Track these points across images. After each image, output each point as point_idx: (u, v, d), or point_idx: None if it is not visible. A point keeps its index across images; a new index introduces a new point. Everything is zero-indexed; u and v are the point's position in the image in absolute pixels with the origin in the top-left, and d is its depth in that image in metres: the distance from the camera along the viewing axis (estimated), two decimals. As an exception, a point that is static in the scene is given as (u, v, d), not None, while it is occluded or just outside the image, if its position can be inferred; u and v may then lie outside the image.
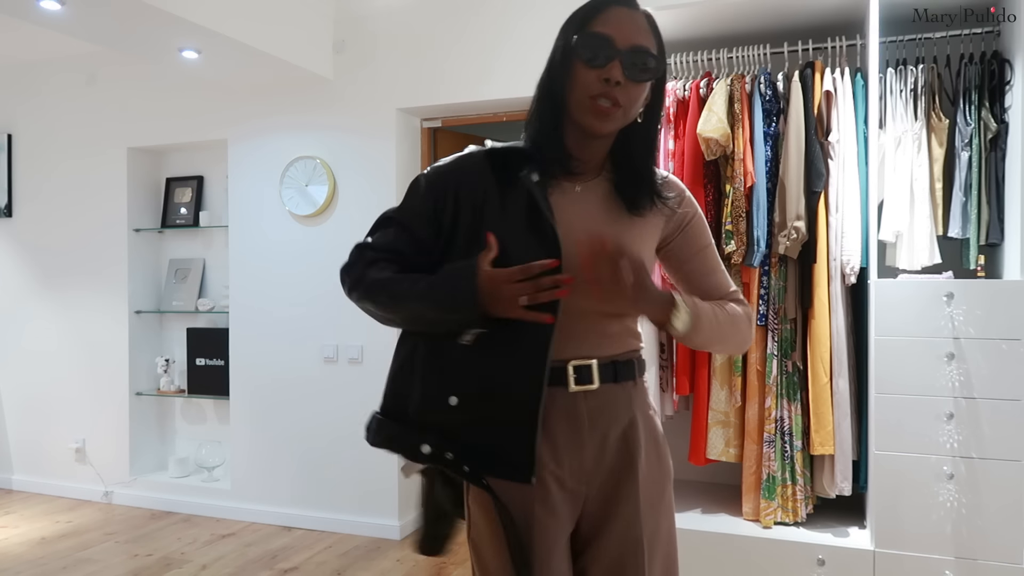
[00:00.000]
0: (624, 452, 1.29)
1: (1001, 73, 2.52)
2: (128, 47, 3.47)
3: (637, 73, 1.22)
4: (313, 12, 3.72)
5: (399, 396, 1.30)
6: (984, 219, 2.51)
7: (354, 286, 1.29)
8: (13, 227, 4.65)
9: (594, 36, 1.21)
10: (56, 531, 3.90)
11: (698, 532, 2.59)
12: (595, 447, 1.27)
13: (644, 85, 1.24)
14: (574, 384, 1.25)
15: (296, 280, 3.91)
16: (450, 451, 1.22)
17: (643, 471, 1.30)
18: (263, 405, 4.03)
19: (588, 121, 1.23)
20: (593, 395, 1.27)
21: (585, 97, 1.21)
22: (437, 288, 1.21)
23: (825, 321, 2.51)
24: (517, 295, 1.16)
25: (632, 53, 1.21)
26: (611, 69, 1.19)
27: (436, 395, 1.24)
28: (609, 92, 1.20)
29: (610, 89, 1.20)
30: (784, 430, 2.59)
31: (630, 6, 1.25)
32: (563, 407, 1.25)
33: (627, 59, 1.21)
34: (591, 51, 1.20)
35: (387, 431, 1.31)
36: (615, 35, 1.21)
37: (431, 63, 3.66)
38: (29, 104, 4.59)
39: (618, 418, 1.29)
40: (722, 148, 2.58)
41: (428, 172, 1.33)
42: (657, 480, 1.33)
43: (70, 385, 4.49)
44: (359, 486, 3.81)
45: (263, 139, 4.01)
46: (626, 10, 1.24)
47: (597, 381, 1.26)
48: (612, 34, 1.21)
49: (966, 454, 2.31)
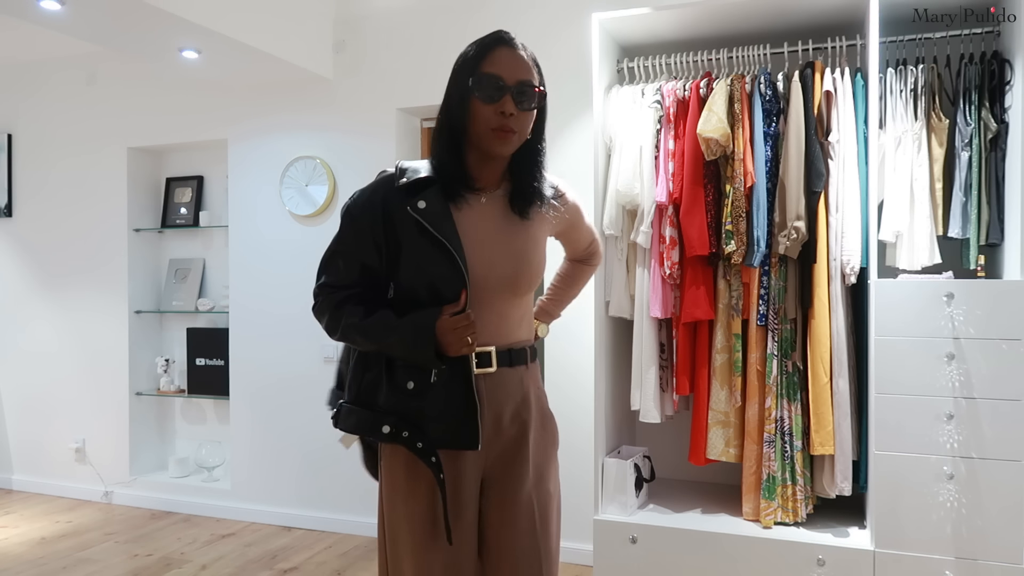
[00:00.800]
0: (518, 424, 1.54)
1: (1001, 73, 2.52)
2: (128, 47, 3.48)
3: (525, 103, 1.46)
4: (313, 12, 3.72)
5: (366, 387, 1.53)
6: (984, 219, 2.51)
7: (331, 331, 1.53)
8: (13, 227, 4.66)
9: (486, 76, 1.44)
10: (56, 531, 3.90)
11: (698, 532, 2.59)
12: (492, 420, 1.51)
13: (531, 112, 1.49)
14: (475, 368, 1.49)
15: (296, 280, 3.91)
16: (406, 431, 1.46)
17: (533, 439, 1.56)
18: (263, 405, 4.03)
19: (492, 147, 1.47)
20: (491, 377, 1.51)
21: (487, 129, 1.45)
22: (405, 338, 1.45)
23: (825, 321, 2.51)
24: (464, 336, 1.43)
25: (519, 87, 1.45)
26: (504, 103, 1.44)
27: (398, 384, 1.49)
28: (505, 123, 1.44)
29: (506, 120, 1.44)
30: (784, 430, 2.59)
31: (511, 45, 1.48)
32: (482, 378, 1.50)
33: (516, 93, 1.45)
34: (485, 90, 1.44)
35: (355, 417, 1.52)
36: (503, 74, 1.44)
37: (431, 63, 3.66)
38: (29, 104, 4.59)
39: (511, 396, 1.53)
40: (722, 148, 2.58)
41: (354, 201, 1.55)
42: (544, 447, 1.60)
43: (70, 385, 4.49)
44: (359, 486, 3.81)
45: (263, 139, 4.01)
46: (508, 50, 1.47)
47: (495, 365, 1.50)
48: (501, 73, 1.44)
49: (966, 454, 2.31)
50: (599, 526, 2.70)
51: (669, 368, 2.79)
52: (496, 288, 1.50)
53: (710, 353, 2.72)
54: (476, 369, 1.49)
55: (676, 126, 2.72)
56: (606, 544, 2.68)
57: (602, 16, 2.77)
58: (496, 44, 1.47)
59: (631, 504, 2.73)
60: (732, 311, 2.69)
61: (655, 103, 2.75)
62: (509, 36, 1.49)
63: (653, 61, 2.88)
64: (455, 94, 1.49)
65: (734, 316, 2.68)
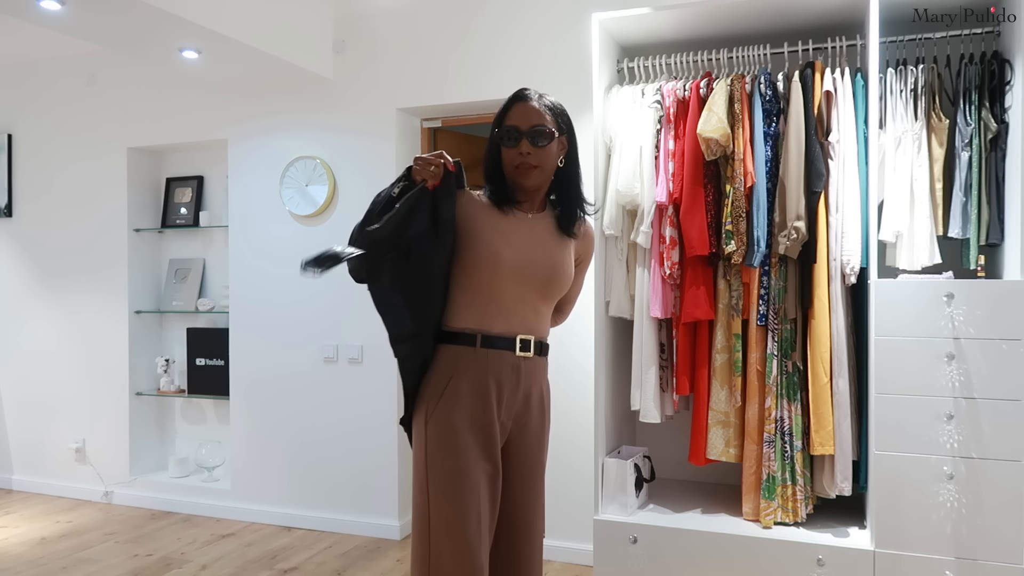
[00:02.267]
0: (540, 402, 1.87)
1: (1001, 73, 2.52)
2: (128, 47, 3.48)
3: (539, 142, 1.78)
4: (313, 12, 3.72)
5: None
6: (984, 219, 2.51)
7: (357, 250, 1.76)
8: (13, 227, 4.66)
9: (506, 128, 1.79)
10: (56, 531, 3.90)
11: (698, 532, 2.59)
12: (524, 396, 1.82)
13: (549, 147, 1.79)
14: (519, 351, 1.79)
15: (296, 280, 3.90)
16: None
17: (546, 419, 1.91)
18: (263, 405, 4.03)
19: (517, 182, 1.81)
20: (528, 361, 1.81)
21: (511, 168, 1.80)
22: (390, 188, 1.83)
23: (825, 321, 2.51)
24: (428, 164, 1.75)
25: (532, 130, 1.78)
26: (521, 146, 1.78)
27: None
28: (524, 161, 1.78)
29: (524, 159, 1.77)
30: (784, 430, 2.59)
31: (526, 100, 1.80)
32: (511, 364, 1.78)
33: (530, 136, 1.77)
34: (507, 138, 1.79)
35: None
36: (519, 123, 1.78)
37: (431, 63, 3.66)
38: (29, 104, 4.59)
39: (538, 379, 1.87)
40: (722, 148, 2.58)
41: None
42: (544, 426, 1.91)
43: (70, 385, 4.49)
44: (359, 486, 3.81)
45: (263, 139, 4.01)
46: (524, 104, 1.80)
47: (532, 352, 1.82)
48: (518, 123, 1.78)
49: (966, 454, 2.31)
50: (599, 526, 2.70)
51: (669, 368, 2.79)
52: (534, 287, 1.80)
53: (710, 353, 2.72)
54: (519, 352, 1.78)
55: (676, 126, 2.72)
56: (606, 544, 2.68)
57: (602, 16, 2.77)
58: (515, 101, 1.80)
59: (631, 504, 2.73)
60: (732, 311, 2.69)
61: (655, 103, 2.75)
62: (526, 92, 1.81)
63: (653, 61, 2.88)
64: (490, 144, 1.83)
65: (734, 316, 2.68)
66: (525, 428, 1.84)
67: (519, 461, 1.84)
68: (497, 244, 1.76)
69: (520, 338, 1.79)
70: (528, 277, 1.79)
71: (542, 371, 1.89)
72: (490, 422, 1.75)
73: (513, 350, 1.79)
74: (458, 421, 1.73)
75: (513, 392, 1.79)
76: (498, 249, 1.76)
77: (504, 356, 1.78)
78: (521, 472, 1.84)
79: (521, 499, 1.84)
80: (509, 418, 1.80)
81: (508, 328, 1.78)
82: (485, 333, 1.77)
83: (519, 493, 1.83)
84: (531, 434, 1.85)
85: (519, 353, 1.79)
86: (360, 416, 3.77)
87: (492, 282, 1.76)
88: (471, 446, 1.73)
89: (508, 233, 1.79)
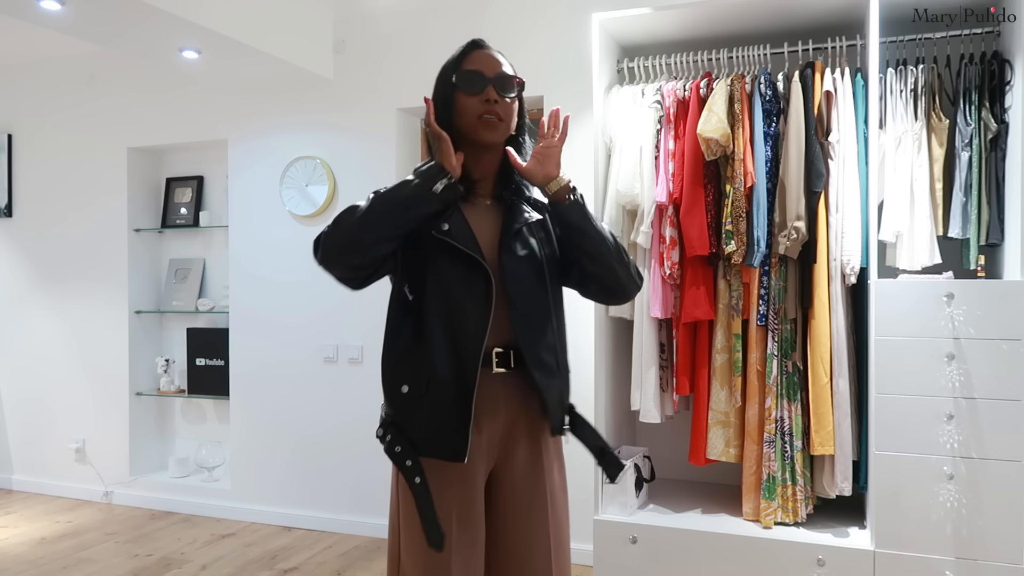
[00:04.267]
0: (536, 419, 1.60)
1: (1001, 73, 2.52)
2: (128, 47, 3.48)
3: (507, 91, 1.57)
4: (313, 12, 3.72)
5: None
6: (984, 219, 2.51)
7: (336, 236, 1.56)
8: (13, 227, 4.66)
9: (468, 72, 1.57)
10: (56, 531, 3.90)
11: (698, 532, 2.59)
12: (509, 417, 1.58)
13: (514, 101, 1.59)
14: (496, 367, 1.54)
15: (296, 280, 3.91)
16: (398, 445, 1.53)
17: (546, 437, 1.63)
18: (263, 405, 4.03)
19: (481, 135, 1.56)
20: (510, 376, 1.56)
21: (474, 118, 1.55)
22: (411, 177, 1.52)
23: (825, 321, 2.51)
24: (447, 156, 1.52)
25: (499, 78, 1.57)
26: (488, 92, 1.55)
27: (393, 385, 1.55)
28: (491, 109, 1.54)
29: (491, 107, 1.54)
30: (784, 430, 2.59)
31: (486, 47, 1.61)
32: (486, 385, 1.53)
33: (497, 83, 1.56)
34: (469, 83, 1.56)
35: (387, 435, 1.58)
36: (483, 69, 1.57)
37: (431, 63, 3.60)
38: (29, 104, 4.59)
39: (527, 395, 1.58)
40: (722, 148, 2.58)
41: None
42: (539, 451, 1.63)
43: (70, 385, 4.49)
44: (359, 486, 3.81)
45: (263, 139, 4.01)
46: (484, 51, 1.60)
47: (513, 365, 1.56)
48: (481, 68, 1.57)
49: (966, 454, 2.31)
50: (599, 526, 2.70)
51: (669, 368, 2.79)
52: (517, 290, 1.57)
53: (710, 353, 2.72)
54: (496, 368, 1.54)
55: (676, 126, 2.72)
56: (606, 544, 2.68)
57: (602, 16, 2.77)
58: (472, 48, 1.60)
59: (631, 504, 2.73)
60: (732, 311, 2.69)
61: (655, 103, 2.75)
62: (483, 41, 1.62)
63: (653, 61, 2.88)
64: (439, 98, 1.60)
65: (734, 316, 2.68)
66: (512, 454, 1.59)
67: (509, 493, 1.59)
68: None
69: (496, 351, 1.54)
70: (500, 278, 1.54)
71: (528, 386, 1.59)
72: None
73: (490, 366, 1.54)
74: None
75: (493, 416, 1.56)
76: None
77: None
78: (514, 505, 1.59)
79: (515, 535, 1.59)
80: (493, 444, 1.57)
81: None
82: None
83: (512, 528, 1.59)
84: (520, 461, 1.59)
85: (496, 369, 1.54)
86: (360, 416, 3.77)
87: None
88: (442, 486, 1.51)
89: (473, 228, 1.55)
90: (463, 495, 1.54)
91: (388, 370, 1.57)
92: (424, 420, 1.52)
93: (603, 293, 1.68)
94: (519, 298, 1.55)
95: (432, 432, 1.51)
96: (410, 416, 1.53)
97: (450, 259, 1.53)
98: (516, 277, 1.55)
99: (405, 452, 1.52)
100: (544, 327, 1.58)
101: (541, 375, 1.56)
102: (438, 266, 1.53)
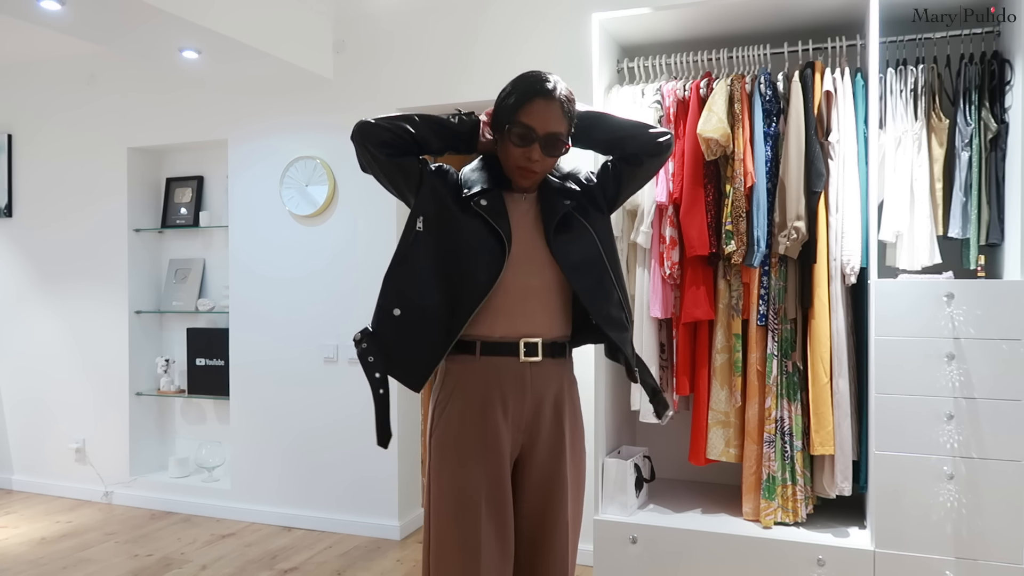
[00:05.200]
0: (555, 410, 1.73)
1: (1001, 73, 2.52)
2: (128, 47, 3.47)
3: (551, 151, 1.67)
4: (313, 12, 3.72)
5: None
6: (984, 219, 2.51)
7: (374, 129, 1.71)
8: (13, 227, 4.66)
9: (521, 126, 1.63)
10: (56, 531, 3.90)
11: (698, 532, 2.59)
12: (533, 405, 1.69)
13: (558, 156, 1.69)
14: (523, 356, 1.66)
15: (296, 280, 3.91)
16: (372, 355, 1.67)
17: (568, 425, 1.75)
18: (263, 405, 4.03)
19: (515, 180, 1.70)
20: (537, 365, 1.68)
21: (513, 166, 1.68)
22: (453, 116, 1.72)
23: (825, 321, 2.51)
24: None
25: (548, 139, 1.64)
26: (532, 151, 1.64)
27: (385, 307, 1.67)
28: (530, 166, 1.66)
29: (531, 164, 1.65)
30: (784, 430, 2.59)
31: (548, 97, 1.64)
32: (514, 371, 1.66)
33: (544, 143, 1.64)
34: (518, 138, 1.64)
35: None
36: (536, 125, 1.63)
37: (431, 63, 3.65)
38: (29, 104, 4.59)
39: (552, 386, 1.72)
40: (722, 148, 2.58)
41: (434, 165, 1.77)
42: (576, 432, 1.78)
43: (70, 385, 4.49)
44: (359, 486, 3.81)
45: (263, 139, 4.01)
46: (544, 102, 1.64)
47: (540, 355, 1.68)
48: (534, 124, 1.63)
49: (966, 454, 2.31)
50: (599, 526, 2.70)
51: (669, 368, 2.79)
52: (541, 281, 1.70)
53: (710, 353, 2.72)
54: (523, 357, 1.66)
55: (676, 126, 2.72)
56: (606, 544, 2.68)
57: (602, 16, 2.77)
58: (537, 96, 1.64)
59: (631, 504, 2.73)
60: (732, 311, 2.69)
61: (655, 103, 2.75)
62: (546, 88, 1.65)
63: (653, 61, 2.88)
64: (496, 127, 1.70)
65: (734, 316, 2.68)
66: (536, 440, 1.70)
67: (533, 476, 1.71)
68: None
69: (525, 341, 1.67)
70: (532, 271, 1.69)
71: (556, 376, 1.74)
72: (494, 438, 1.65)
73: (517, 355, 1.66)
74: (455, 440, 1.66)
75: (519, 402, 1.67)
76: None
77: (507, 363, 1.66)
78: (538, 487, 1.71)
79: (539, 516, 1.71)
80: (519, 430, 1.69)
81: (511, 330, 1.66)
82: (485, 339, 1.66)
83: (535, 510, 1.71)
84: (543, 446, 1.71)
85: (524, 359, 1.67)
86: (360, 416, 3.77)
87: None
88: (470, 466, 1.64)
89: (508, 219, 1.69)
90: (491, 478, 1.65)
91: (385, 290, 1.68)
92: (403, 344, 1.65)
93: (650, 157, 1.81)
94: (578, 274, 1.69)
95: (405, 357, 1.65)
96: (392, 336, 1.65)
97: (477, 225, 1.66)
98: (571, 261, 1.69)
99: (377, 364, 1.66)
100: (610, 291, 1.73)
101: (615, 332, 1.72)
102: (461, 224, 1.66)
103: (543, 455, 1.71)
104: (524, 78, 1.69)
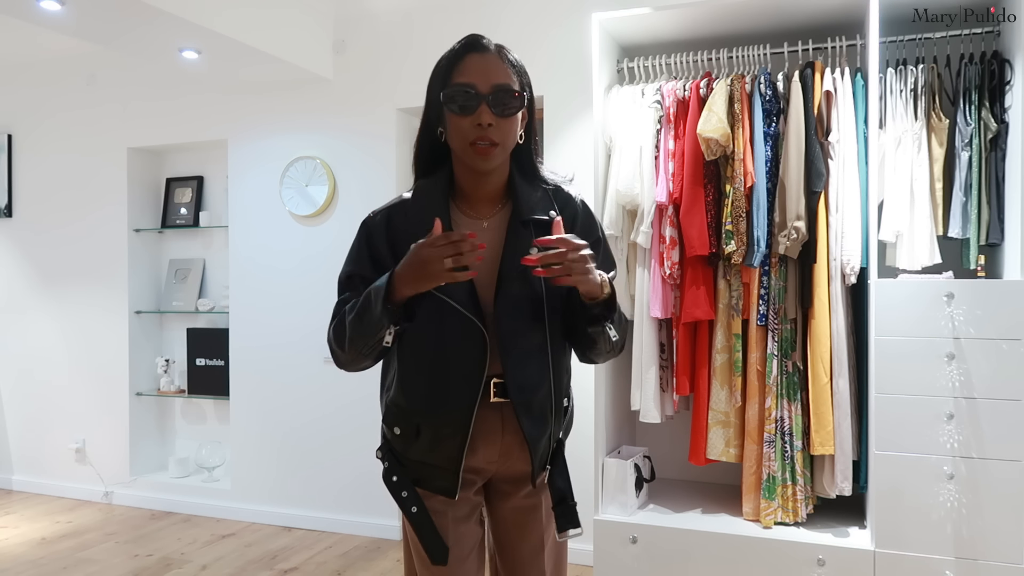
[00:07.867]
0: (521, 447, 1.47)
1: (1001, 73, 2.52)
2: (128, 47, 3.48)
3: (504, 110, 1.34)
4: (313, 12, 3.72)
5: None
6: (984, 219, 2.51)
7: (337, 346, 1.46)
8: (13, 227, 4.66)
9: (458, 87, 1.34)
10: (56, 531, 3.90)
11: (698, 532, 2.59)
12: (506, 439, 1.46)
13: (514, 118, 1.37)
14: (494, 396, 1.42)
15: (296, 280, 3.91)
16: (395, 475, 1.46)
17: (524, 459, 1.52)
18: (263, 405, 4.03)
19: (474, 163, 1.36)
20: (508, 404, 1.42)
21: (465, 144, 1.34)
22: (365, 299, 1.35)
23: (825, 321, 2.51)
24: (441, 256, 1.24)
25: (495, 94, 1.33)
26: (480, 114, 1.32)
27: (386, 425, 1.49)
28: (483, 135, 1.33)
29: (484, 132, 1.33)
30: (784, 430, 2.59)
31: (481, 50, 1.37)
32: (483, 412, 1.41)
33: (492, 101, 1.33)
34: (458, 101, 1.33)
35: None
36: (476, 81, 1.33)
37: (431, 63, 3.61)
38: (29, 104, 4.59)
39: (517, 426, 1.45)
40: (722, 148, 2.58)
41: (367, 220, 1.48)
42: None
43: (70, 385, 4.49)
44: (359, 486, 3.81)
45: (263, 139, 4.01)
46: (479, 55, 1.36)
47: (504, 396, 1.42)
48: (474, 81, 1.33)
49: (966, 454, 2.31)
50: (599, 526, 2.70)
51: (669, 368, 2.79)
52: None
53: (710, 353, 2.72)
54: (494, 398, 1.41)
55: (676, 126, 2.72)
56: (606, 544, 2.68)
57: (602, 16, 2.77)
58: (466, 51, 1.37)
59: (631, 504, 2.73)
60: (732, 311, 2.69)
61: (655, 103, 2.75)
62: (479, 40, 1.38)
63: (653, 61, 2.88)
64: (431, 110, 1.41)
65: (734, 316, 2.68)
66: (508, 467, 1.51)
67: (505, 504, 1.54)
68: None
69: (495, 381, 1.42)
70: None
71: None
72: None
73: (488, 395, 1.42)
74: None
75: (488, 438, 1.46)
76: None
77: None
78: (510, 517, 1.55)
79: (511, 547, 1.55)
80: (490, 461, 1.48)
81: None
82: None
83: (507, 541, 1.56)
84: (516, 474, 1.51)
85: (493, 399, 1.42)
86: (360, 416, 3.77)
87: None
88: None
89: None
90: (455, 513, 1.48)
91: (382, 406, 1.51)
92: (417, 458, 1.45)
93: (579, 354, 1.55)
94: (509, 339, 1.39)
95: (426, 470, 1.45)
96: (404, 452, 1.46)
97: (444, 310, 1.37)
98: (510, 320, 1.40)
99: (401, 483, 1.45)
100: (541, 375, 1.43)
101: (529, 424, 1.42)
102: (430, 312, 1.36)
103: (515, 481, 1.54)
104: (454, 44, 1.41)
